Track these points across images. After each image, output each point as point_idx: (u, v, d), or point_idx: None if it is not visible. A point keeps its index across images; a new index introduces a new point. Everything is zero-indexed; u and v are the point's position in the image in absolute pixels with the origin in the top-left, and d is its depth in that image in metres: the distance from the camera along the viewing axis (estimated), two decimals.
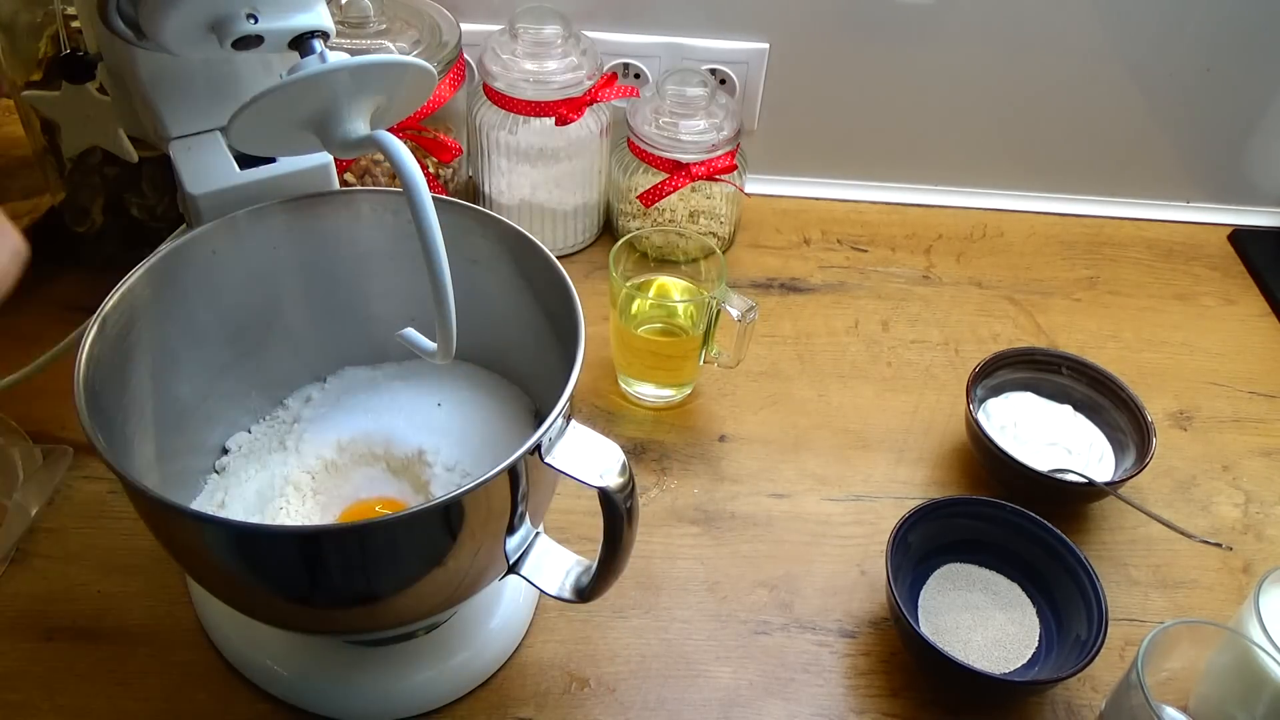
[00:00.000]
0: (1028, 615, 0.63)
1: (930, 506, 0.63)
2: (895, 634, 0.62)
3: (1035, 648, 0.61)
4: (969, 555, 0.65)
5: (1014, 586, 0.64)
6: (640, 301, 0.76)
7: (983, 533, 0.65)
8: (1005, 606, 0.63)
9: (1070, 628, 0.60)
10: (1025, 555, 0.64)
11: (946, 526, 0.64)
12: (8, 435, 0.67)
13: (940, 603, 0.63)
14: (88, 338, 0.50)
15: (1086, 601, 0.60)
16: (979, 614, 0.63)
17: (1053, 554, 0.63)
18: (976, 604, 0.63)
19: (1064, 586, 0.62)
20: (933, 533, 0.64)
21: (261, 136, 0.51)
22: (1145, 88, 0.92)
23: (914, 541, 0.63)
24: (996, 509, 0.64)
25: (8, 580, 0.62)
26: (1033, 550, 0.64)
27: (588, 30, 0.85)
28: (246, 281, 0.59)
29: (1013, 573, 0.65)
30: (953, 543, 0.65)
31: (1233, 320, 0.89)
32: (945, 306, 0.87)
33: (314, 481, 0.59)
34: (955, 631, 0.62)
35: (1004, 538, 0.64)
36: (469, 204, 0.60)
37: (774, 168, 0.98)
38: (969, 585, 0.64)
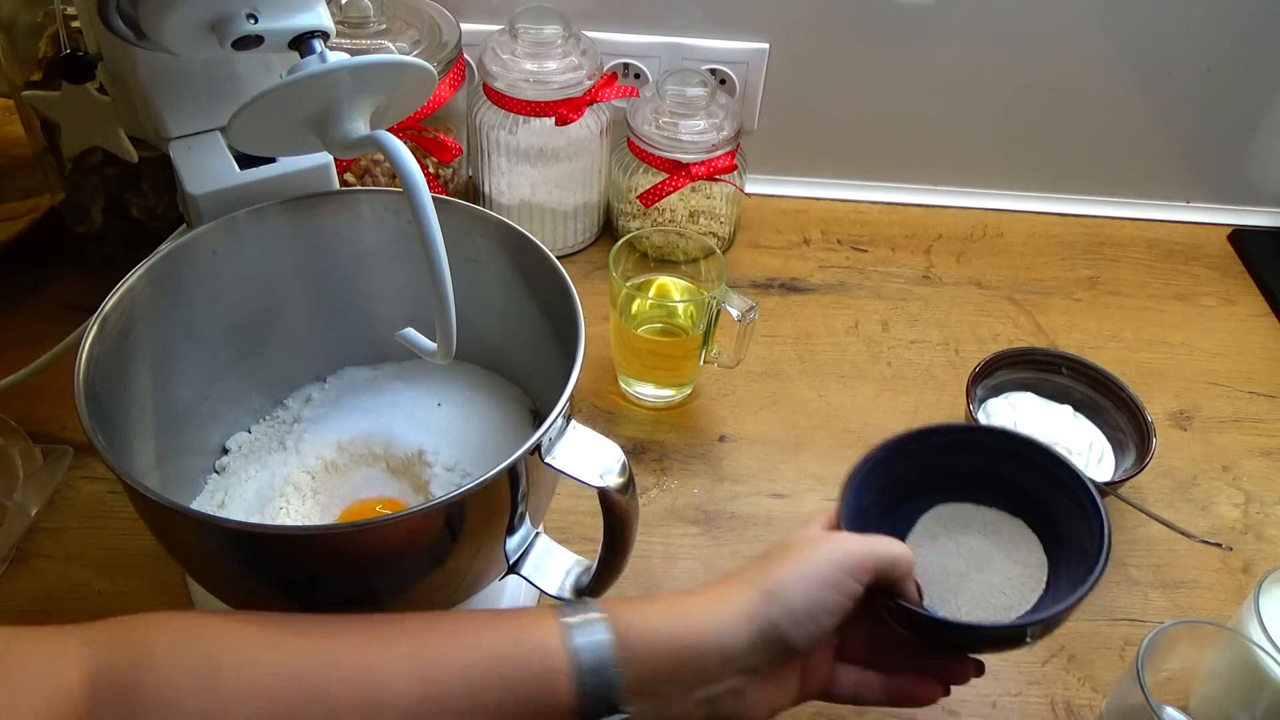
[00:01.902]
0: (1034, 553, 0.54)
1: (895, 444, 0.55)
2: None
3: (1042, 588, 0.53)
4: (958, 493, 0.56)
5: (1016, 522, 0.55)
6: (640, 301, 0.76)
7: (967, 465, 0.56)
8: (1006, 545, 0.54)
9: (1072, 551, 0.52)
10: (1020, 481, 0.55)
11: (920, 465, 0.56)
12: (8, 435, 0.67)
13: (928, 554, 0.54)
14: (88, 338, 0.50)
15: (1086, 517, 0.51)
16: (974, 558, 0.54)
17: (1046, 474, 0.54)
18: (971, 548, 0.55)
19: (1063, 509, 0.53)
20: (907, 474, 0.55)
21: (261, 136, 0.51)
22: (1145, 88, 0.92)
23: (884, 485, 0.54)
24: (974, 434, 0.58)
25: (8, 580, 0.62)
26: (1025, 473, 0.55)
27: (588, 30, 0.85)
28: (246, 281, 0.59)
29: (1012, 505, 0.55)
30: (934, 482, 0.56)
31: (1233, 320, 0.89)
32: (945, 306, 0.87)
33: (314, 481, 0.59)
34: (944, 581, 0.53)
35: (992, 465, 0.55)
36: (469, 204, 0.60)
37: (774, 168, 0.98)
38: (964, 527, 0.55)
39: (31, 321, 0.77)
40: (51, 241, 0.80)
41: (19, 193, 0.82)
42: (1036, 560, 0.54)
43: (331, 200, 0.60)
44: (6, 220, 0.80)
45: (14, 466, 0.66)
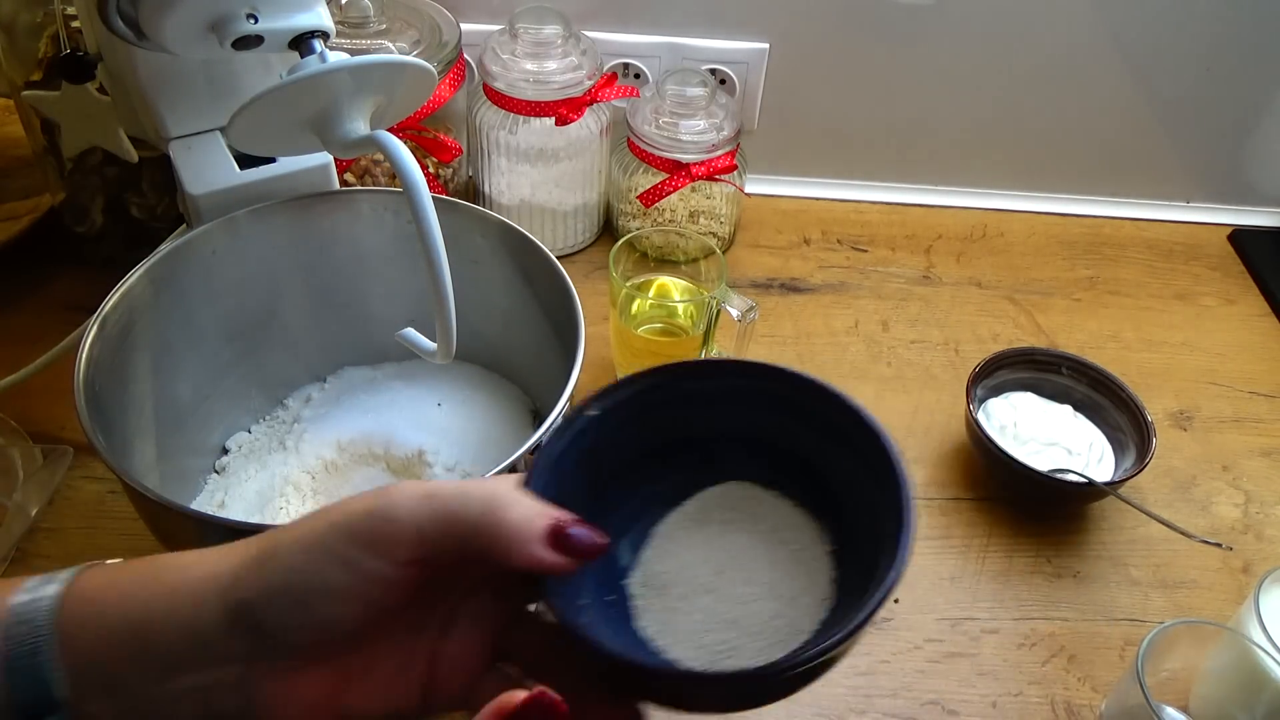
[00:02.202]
0: (813, 563, 0.38)
1: (626, 394, 0.39)
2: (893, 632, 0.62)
3: (828, 600, 0.37)
4: (734, 467, 0.41)
5: (800, 516, 0.40)
6: (640, 301, 0.76)
7: (745, 425, 0.41)
8: (774, 550, 0.39)
9: (866, 553, 0.36)
10: (812, 452, 0.40)
11: (672, 424, 0.41)
12: (8, 435, 0.67)
13: (678, 550, 0.39)
14: (88, 338, 0.50)
15: (886, 505, 0.36)
16: (729, 565, 0.38)
17: (842, 441, 0.40)
18: (727, 550, 0.39)
19: (862, 493, 0.39)
20: (648, 437, 0.40)
21: (261, 136, 0.51)
22: (1145, 88, 0.92)
23: (613, 449, 0.39)
24: (737, 377, 0.41)
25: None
26: (819, 440, 0.40)
27: (588, 30, 0.85)
28: (246, 281, 0.59)
29: (804, 487, 0.40)
30: (700, 449, 0.41)
31: (1233, 320, 0.89)
32: (945, 306, 0.87)
33: (314, 481, 0.59)
34: (683, 599, 0.37)
35: (777, 425, 0.41)
36: (469, 204, 0.60)
37: (774, 168, 0.98)
38: (724, 520, 0.40)
39: (31, 321, 0.77)
40: (51, 241, 0.80)
41: (19, 193, 0.82)
42: (814, 571, 0.38)
43: (331, 200, 0.60)
44: (6, 220, 0.80)
45: (14, 466, 0.66)
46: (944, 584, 0.66)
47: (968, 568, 0.67)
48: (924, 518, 0.70)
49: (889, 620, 0.63)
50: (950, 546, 0.68)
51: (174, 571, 0.33)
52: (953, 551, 0.68)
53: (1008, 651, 0.62)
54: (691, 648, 0.35)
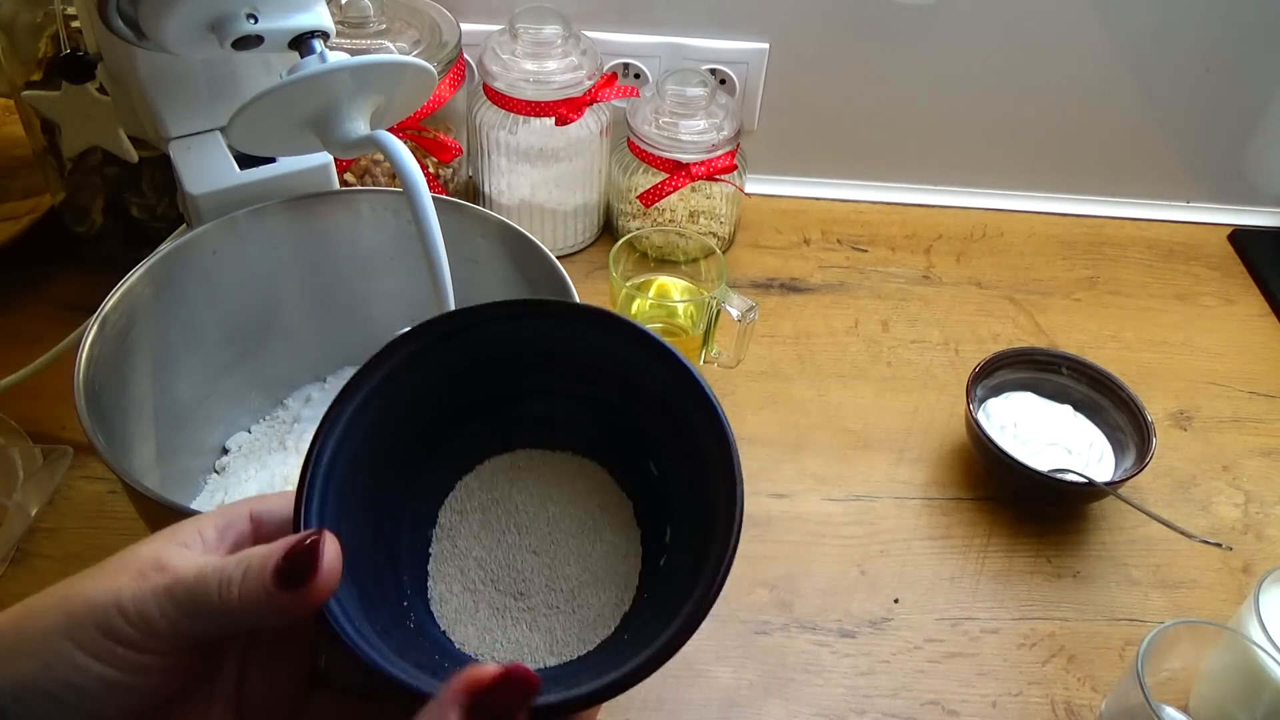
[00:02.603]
0: (621, 542, 0.35)
1: (408, 348, 0.35)
2: (893, 632, 0.62)
3: (621, 610, 0.34)
4: (531, 430, 0.37)
5: (605, 487, 0.37)
6: (640, 301, 0.76)
7: (543, 379, 0.36)
8: (576, 531, 0.36)
9: (685, 541, 0.34)
10: (621, 405, 0.36)
11: (468, 382, 0.36)
12: (8, 435, 0.67)
13: (467, 541, 0.36)
14: (88, 338, 0.50)
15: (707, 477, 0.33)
16: (522, 552, 0.35)
17: (659, 399, 0.35)
18: (519, 535, 0.36)
19: (679, 455, 0.35)
20: (438, 398, 0.36)
21: (261, 136, 0.51)
22: (1145, 88, 0.92)
23: (397, 421, 0.35)
24: (527, 317, 0.35)
25: (8, 580, 0.62)
26: (630, 391, 0.36)
27: (588, 30, 0.85)
28: (246, 281, 0.59)
29: (612, 449, 0.37)
30: (494, 410, 0.37)
31: (1233, 320, 0.89)
32: (945, 306, 0.87)
33: None
34: (474, 592, 0.35)
35: (584, 379, 0.36)
36: (469, 204, 0.60)
37: (774, 168, 0.98)
38: (520, 495, 0.36)
39: (31, 321, 0.77)
40: (51, 241, 0.80)
41: (19, 193, 0.82)
42: (618, 563, 0.35)
43: (331, 200, 0.60)
44: (6, 220, 0.80)
45: (14, 466, 0.66)
46: (944, 584, 0.66)
47: (968, 568, 0.67)
48: (924, 518, 0.70)
49: (889, 620, 0.63)
50: (950, 546, 0.68)
51: None
52: (953, 551, 0.68)
53: (1008, 651, 0.62)
54: (486, 644, 0.33)
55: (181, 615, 0.29)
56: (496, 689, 0.27)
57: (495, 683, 0.27)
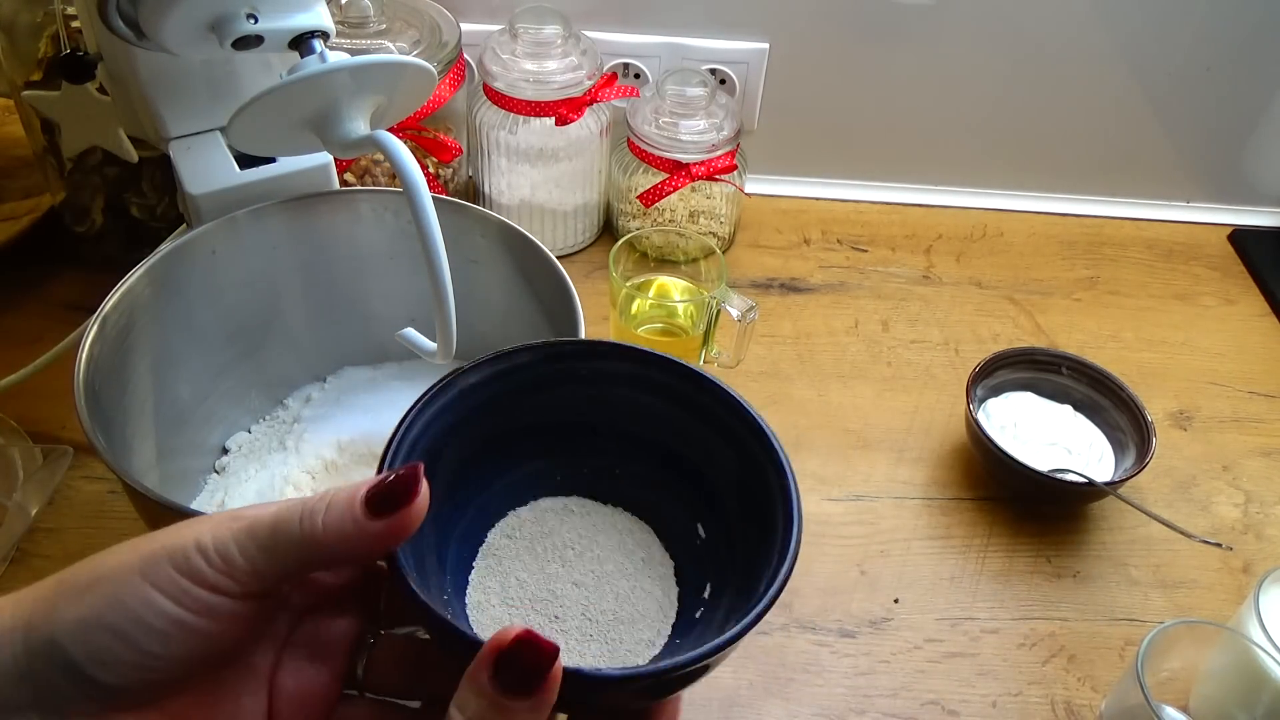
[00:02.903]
0: (659, 591, 0.38)
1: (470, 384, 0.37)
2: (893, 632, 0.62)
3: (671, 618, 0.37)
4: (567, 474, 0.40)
5: (637, 524, 0.40)
6: (640, 301, 0.76)
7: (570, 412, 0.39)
8: (624, 556, 0.39)
9: (727, 579, 0.37)
10: (682, 442, 0.39)
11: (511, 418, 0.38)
12: (8, 435, 0.67)
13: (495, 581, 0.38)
14: (88, 338, 0.50)
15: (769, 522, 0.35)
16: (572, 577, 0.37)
17: (732, 441, 0.37)
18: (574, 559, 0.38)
19: (732, 474, 0.38)
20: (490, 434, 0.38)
21: (261, 136, 0.51)
22: (1145, 88, 0.92)
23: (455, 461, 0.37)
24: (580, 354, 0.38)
25: (8, 580, 0.62)
26: (686, 433, 0.38)
27: (588, 30, 0.85)
28: (246, 281, 0.59)
29: (660, 477, 0.39)
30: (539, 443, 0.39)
31: (1233, 320, 0.89)
32: (945, 306, 0.87)
33: (314, 481, 0.59)
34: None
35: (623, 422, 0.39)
36: (469, 204, 0.60)
37: (774, 168, 0.98)
38: (571, 538, 0.39)
39: (31, 321, 0.77)
40: (51, 241, 0.80)
41: (19, 193, 0.82)
42: (654, 608, 0.37)
43: (331, 200, 0.60)
44: (6, 220, 0.80)
45: (14, 466, 0.66)
46: (944, 584, 0.66)
47: (968, 568, 0.67)
48: (924, 518, 0.70)
49: (889, 620, 0.63)
50: (950, 546, 0.68)
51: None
52: (953, 551, 0.68)
53: (1008, 651, 0.62)
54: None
55: (260, 551, 0.29)
56: (517, 647, 0.28)
57: (516, 641, 0.28)
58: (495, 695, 0.28)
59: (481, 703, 0.28)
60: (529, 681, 0.28)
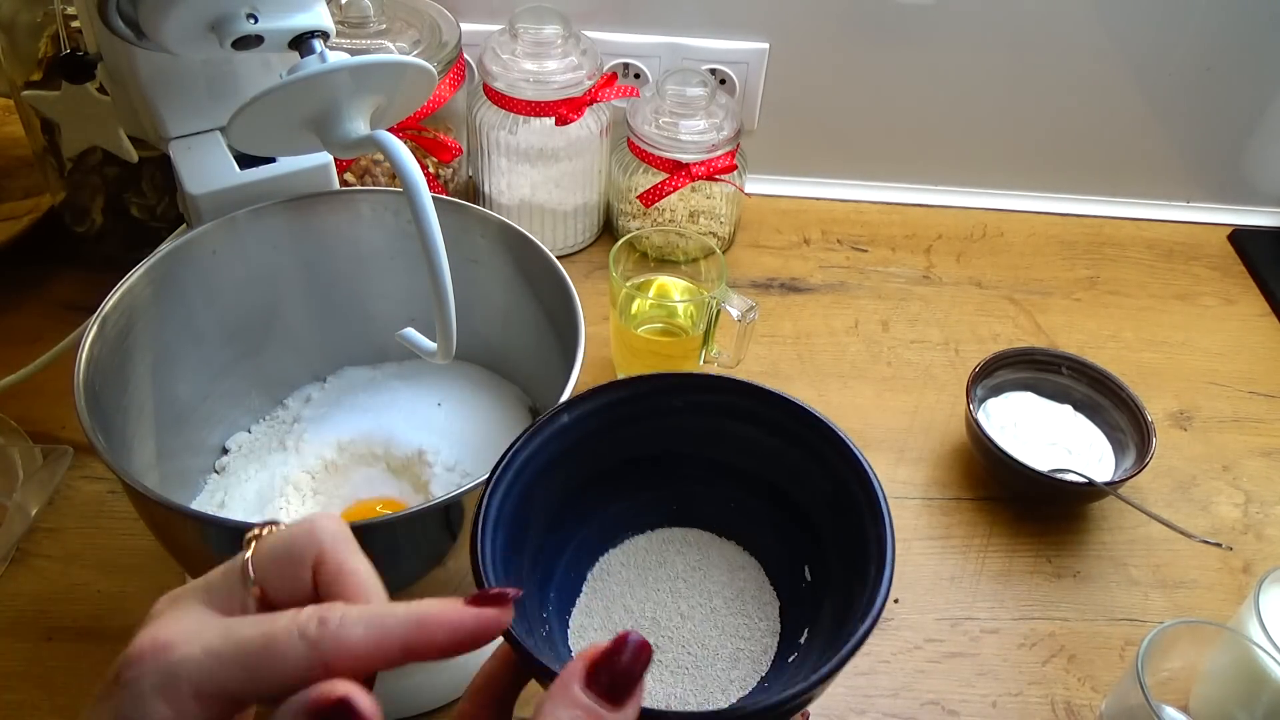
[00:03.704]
0: (762, 631, 0.38)
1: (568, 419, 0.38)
2: (893, 632, 0.62)
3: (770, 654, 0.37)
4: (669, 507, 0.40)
5: (740, 553, 0.40)
6: (640, 301, 0.76)
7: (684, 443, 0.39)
8: (724, 588, 0.39)
9: (836, 579, 0.37)
10: (774, 471, 0.39)
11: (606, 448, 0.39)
12: (8, 435, 0.67)
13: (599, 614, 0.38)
14: (88, 338, 0.50)
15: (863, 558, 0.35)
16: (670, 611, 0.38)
17: (829, 476, 0.37)
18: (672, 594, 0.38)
19: (827, 504, 0.37)
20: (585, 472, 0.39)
21: (261, 136, 0.51)
22: (1145, 88, 0.92)
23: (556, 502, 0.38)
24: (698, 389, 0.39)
25: (8, 580, 0.62)
26: (793, 474, 0.39)
27: (588, 30, 0.85)
28: (246, 281, 0.59)
29: (750, 528, 0.40)
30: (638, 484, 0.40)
31: (1233, 320, 0.89)
32: (945, 306, 0.87)
33: (314, 481, 0.59)
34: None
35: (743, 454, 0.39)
36: (469, 204, 0.60)
37: (774, 168, 0.98)
38: (684, 570, 0.39)
39: (31, 321, 0.77)
40: (51, 241, 0.80)
41: (19, 193, 0.82)
42: (755, 647, 0.37)
43: (331, 200, 0.60)
44: (6, 220, 0.80)
45: (14, 466, 0.66)
46: (944, 584, 0.66)
47: (968, 568, 0.67)
48: (924, 518, 0.70)
49: (889, 620, 0.63)
50: (950, 546, 0.68)
51: None
52: (953, 551, 0.68)
53: (1008, 651, 0.62)
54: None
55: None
56: (613, 652, 0.28)
57: (612, 647, 0.28)
58: (591, 704, 0.27)
59: (576, 714, 0.27)
60: (624, 688, 0.28)
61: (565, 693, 0.28)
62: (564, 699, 0.27)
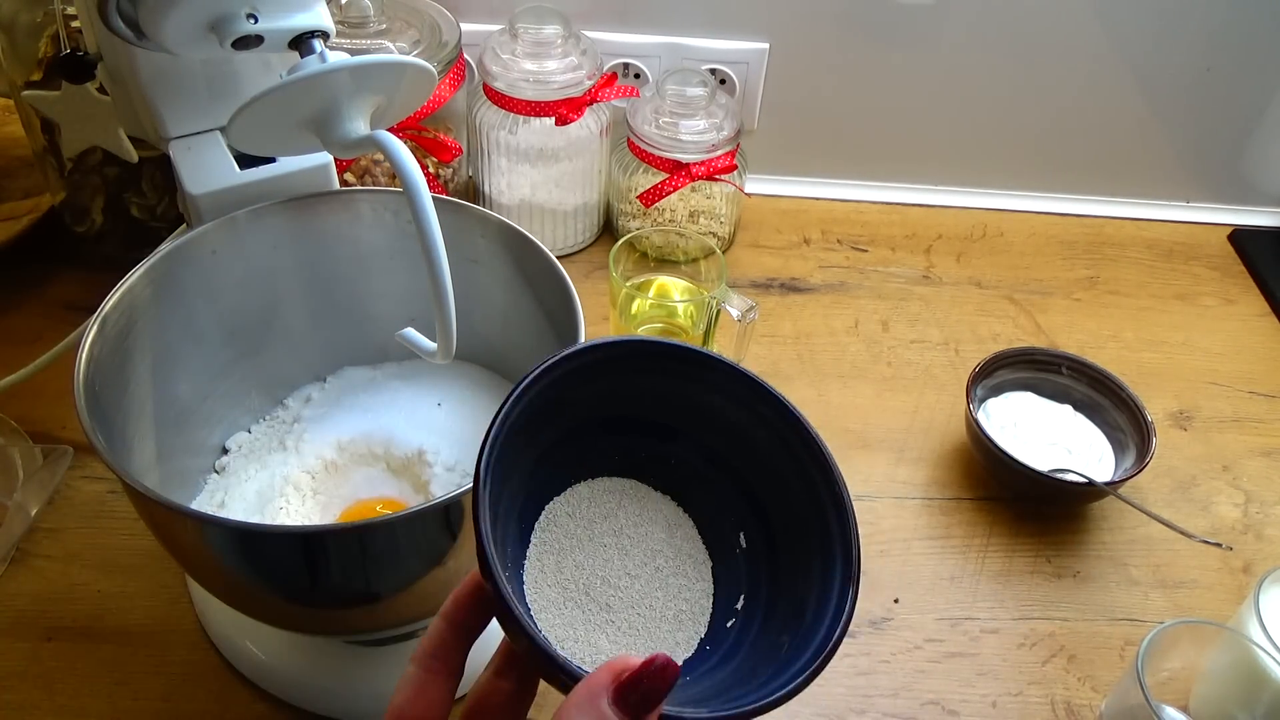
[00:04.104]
0: (700, 594, 0.38)
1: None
2: (893, 632, 0.62)
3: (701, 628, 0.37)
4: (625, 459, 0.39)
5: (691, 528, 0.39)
6: (640, 301, 0.76)
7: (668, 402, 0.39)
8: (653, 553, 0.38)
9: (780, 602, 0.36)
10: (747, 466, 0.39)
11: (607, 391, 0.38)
12: (8, 435, 0.67)
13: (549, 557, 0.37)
14: (88, 338, 0.50)
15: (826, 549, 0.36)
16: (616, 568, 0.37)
17: (778, 445, 0.37)
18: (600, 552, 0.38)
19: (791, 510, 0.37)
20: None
21: (261, 136, 0.51)
22: (1145, 88, 0.92)
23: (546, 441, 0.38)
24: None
25: (8, 580, 0.62)
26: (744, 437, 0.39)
27: (588, 30, 0.85)
28: (246, 281, 0.59)
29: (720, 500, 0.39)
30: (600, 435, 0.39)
31: (1233, 320, 0.89)
32: (945, 306, 0.87)
33: (314, 481, 0.59)
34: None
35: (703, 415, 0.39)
36: (469, 204, 0.60)
37: (774, 168, 0.98)
38: (627, 525, 0.39)
39: (31, 321, 0.77)
40: (51, 241, 0.80)
41: (19, 193, 0.82)
42: (695, 610, 0.37)
43: (331, 200, 0.60)
44: (6, 220, 0.80)
45: (14, 466, 0.66)
46: (944, 584, 0.66)
47: (968, 568, 0.67)
48: (924, 518, 0.70)
49: (889, 620, 0.63)
50: (950, 546, 0.68)
51: None
52: (953, 551, 0.68)
53: (1008, 651, 0.62)
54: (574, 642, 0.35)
55: None
56: (644, 672, 0.29)
57: (643, 667, 0.29)
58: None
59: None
60: (650, 706, 0.29)
61: (594, 706, 0.29)
62: (591, 712, 0.28)
